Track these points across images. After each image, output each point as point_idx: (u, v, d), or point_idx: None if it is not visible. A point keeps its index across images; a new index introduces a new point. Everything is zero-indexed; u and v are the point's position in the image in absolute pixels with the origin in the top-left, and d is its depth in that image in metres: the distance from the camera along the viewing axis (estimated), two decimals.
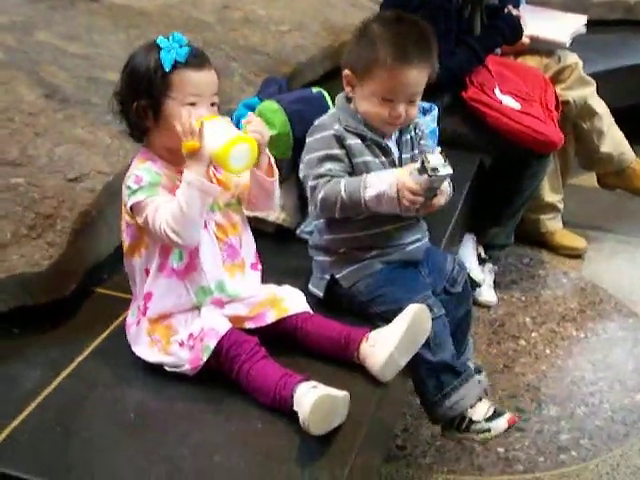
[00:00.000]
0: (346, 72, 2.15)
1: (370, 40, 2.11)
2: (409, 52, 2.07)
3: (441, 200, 2.13)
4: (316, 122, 2.18)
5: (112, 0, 3.77)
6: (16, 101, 2.55)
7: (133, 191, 1.88)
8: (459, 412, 2.21)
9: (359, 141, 2.13)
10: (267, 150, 2.00)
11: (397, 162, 2.19)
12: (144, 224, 1.89)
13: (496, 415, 2.25)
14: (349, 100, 2.20)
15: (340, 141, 2.11)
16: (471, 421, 2.23)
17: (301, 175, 2.17)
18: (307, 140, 2.17)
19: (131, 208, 1.90)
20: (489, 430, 2.24)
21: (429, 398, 2.20)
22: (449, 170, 2.00)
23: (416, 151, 2.25)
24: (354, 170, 2.12)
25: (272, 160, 2.03)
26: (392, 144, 2.20)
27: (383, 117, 2.11)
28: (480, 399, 2.25)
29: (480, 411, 2.23)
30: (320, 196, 2.08)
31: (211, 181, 1.95)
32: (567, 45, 3.70)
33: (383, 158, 2.17)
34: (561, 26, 3.78)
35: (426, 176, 1.98)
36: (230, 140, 1.82)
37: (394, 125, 2.15)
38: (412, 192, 2.01)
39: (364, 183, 2.05)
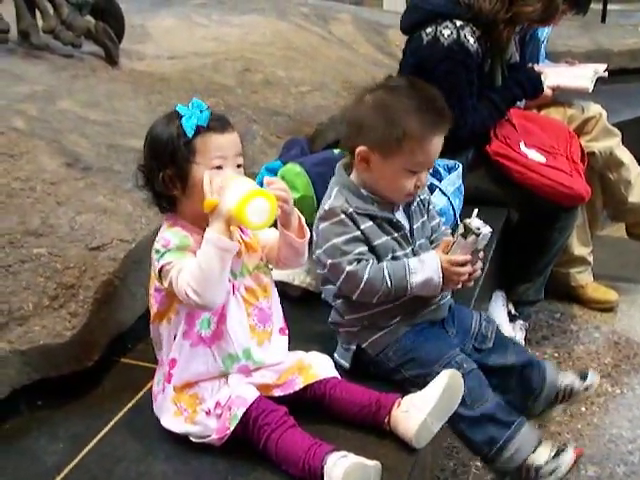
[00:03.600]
0: (363, 149, 2.06)
1: (392, 114, 2.03)
2: (435, 121, 2.02)
3: (479, 265, 2.12)
4: (326, 206, 2.10)
5: (132, 66, 3.81)
6: (38, 170, 2.54)
7: (161, 254, 1.86)
8: (519, 463, 2.08)
9: (371, 223, 2.08)
10: (297, 211, 1.98)
11: (409, 234, 2.15)
12: (169, 287, 1.86)
13: (560, 451, 2.11)
14: (347, 173, 2.15)
15: (355, 223, 2.06)
16: (538, 468, 2.09)
17: (327, 262, 2.08)
18: (321, 226, 2.10)
19: (159, 272, 1.88)
20: (558, 468, 2.09)
21: (484, 454, 2.11)
22: (489, 228, 2.05)
23: (425, 217, 2.22)
24: (374, 252, 2.08)
25: (303, 220, 2.00)
26: (401, 216, 2.15)
27: (407, 190, 2.06)
28: (540, 442, 2.12)
29: (543, 454, 2.09)
30: (364, 282, 2.03)
31: (238, 245, 1.92)
32: (590, 90, 3.68)
33: (395, 234, 2.12)
34: (581, 73, 3.77)
35: (473, 236, 2.02)
36: (246, 194, 1.77)
37: (413, 196, 2.12)
38: (460, 264, 2.04)
39: (408, 269, 2.04)
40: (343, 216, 2.05)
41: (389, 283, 2.03)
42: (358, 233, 2.05)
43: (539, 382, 2.30)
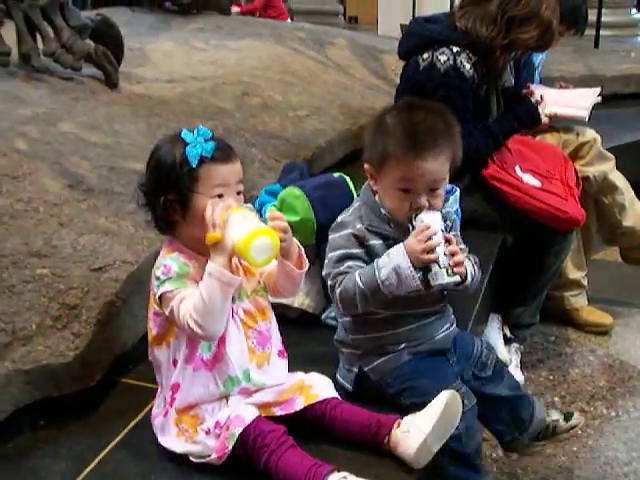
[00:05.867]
0: (366, 166, 2.12)
1: (383, 133, 2.07)
2: (419, 143, 2.01)
3: (460, 257, 2.03)
4: (339, 218, 2.14)
5: (132, 89, 3.84)
6: (41, 192, 2.57)
7: (162, 281, 1.88)
8: None
9: (381, 241, 2.08)
10: (297, 242, 2.00)
11: None
12: (170, 315, 1.88)
13: None
14: (374, 192, 2.16)
15: (360, 240, 2.08)
16: None
17: (324, 273, 2.14)
18: (330, 237, 2.14)
19: (159, 298, 1.90)
20: None
21: None
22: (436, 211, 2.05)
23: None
24: None
25: (302, 251, 2.02)
26: None
27: (405, 210, 2.05)
28: None
29: None
30: (338, 292, 2.05)
31: (236, 269, 1.94)
32: (586, 119, 3.71)
33: None
34: (577, 101, 3.80)
35: (418, 217, 2.02)
36: (251, 232, 1.80)
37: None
38: (421, 238, 1.98)
39: (377, 266, 2.01)
40: (349, 231, 2.08)
41: (361, 285, 2.01)
42: (357, 251, 2.07)
43: (528, 416, 2.35)
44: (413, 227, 2.02)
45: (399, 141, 2.03)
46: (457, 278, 2.03)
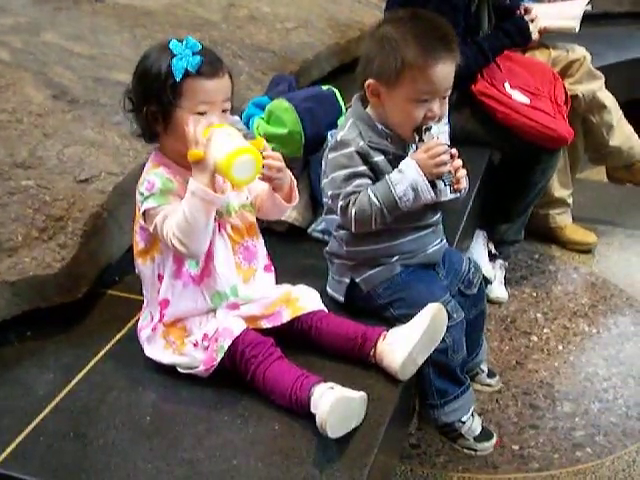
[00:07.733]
0: (371, 82, 2.05)
1: (392, 44, 2.01)
2: (436, 47, 2.00)
3: (463, 172, 2.07)
4: (338, 137, 2.10)
5: (116, 0, 3.75)
6: (24, 102, 2.53)
7: (145, 197, 1.87)
8: (452, 420, 2.22)
9: (382, 157, 2.07)
10: (291, 176, 1.99)
11: None
12: (154, 231, 1.88)
13: (484, 436, 2.31)
14: (364, 106, 2.13)
15: (364, 158, 2.06)
16: (460, 435, 2.27)
17: (328, 193, 2.11)
18: (330, 155, 2.11)
19: (143, 214, 1.89)
20: (475, 450, 2.31)
21: (429, 400, 2.18)
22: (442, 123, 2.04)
23: None
24: None
25: (294, 184, 2.01)
26: None
27: (417, 121, 2.02)
28: (473, 415, 2.28)
29: (471, 429, 2.28)
30: (353, 212, 2.03)
31: (220, 188, 1.93)
32: (576, 29, 3.66)
33: None
34: (566, 11, 3.74)
35: (428, 132, 2.01)
36: (233, 151, 1.77)
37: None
38: (433, 153, 1.99)
39: (390, 183, 2.01)
40: (352, 149, 2.05)
41: (377, 203, 2.01)
42: (362, 168, 2.05)
43: (477, 347, 2.49)
44: (421, 140, 2.02)
45: (416, 49, 1.99)
46: (457, 194, 2.07)
